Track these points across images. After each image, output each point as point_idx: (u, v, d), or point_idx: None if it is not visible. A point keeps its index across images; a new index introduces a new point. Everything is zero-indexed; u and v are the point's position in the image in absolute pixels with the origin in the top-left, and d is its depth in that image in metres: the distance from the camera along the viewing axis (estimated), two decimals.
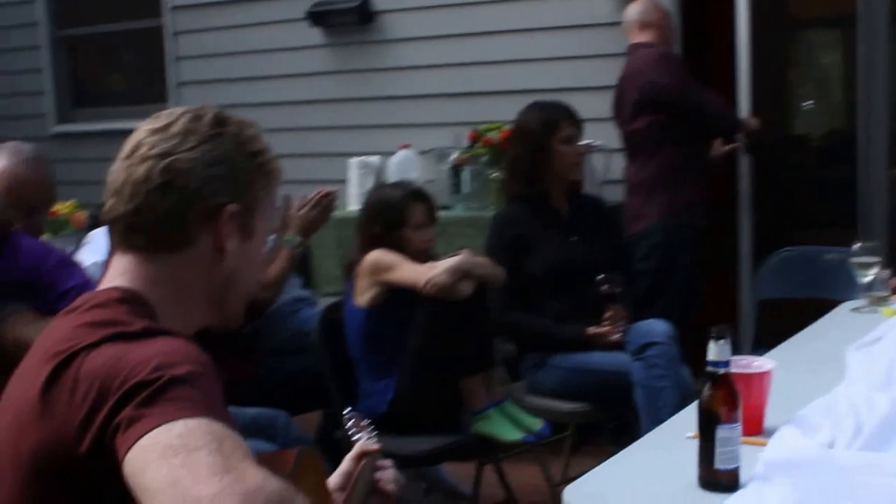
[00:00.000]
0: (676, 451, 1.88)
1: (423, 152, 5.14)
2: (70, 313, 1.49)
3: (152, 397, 1.24)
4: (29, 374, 1.42)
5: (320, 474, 1.75)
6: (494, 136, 4.78)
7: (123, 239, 1.55)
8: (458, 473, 3.94)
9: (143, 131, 1.55)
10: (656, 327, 3.52)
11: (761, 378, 2.05)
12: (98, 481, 1.25)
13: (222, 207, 1.52)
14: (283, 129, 5.82)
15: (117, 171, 1.55)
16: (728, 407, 1.75)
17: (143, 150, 1.52)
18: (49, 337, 1.46)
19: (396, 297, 3.36)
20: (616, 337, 3.59)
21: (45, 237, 3.49)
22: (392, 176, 5.06)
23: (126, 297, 1.49)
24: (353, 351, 3.48)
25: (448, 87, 5.44)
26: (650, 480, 1.90)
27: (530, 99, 3.97)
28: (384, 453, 2.50)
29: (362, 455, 1.97)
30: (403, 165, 5.13)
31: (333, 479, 1.94)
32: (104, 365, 1.32)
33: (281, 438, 3.21)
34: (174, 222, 1.51)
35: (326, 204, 3.80)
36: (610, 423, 4.30)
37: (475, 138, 4.91)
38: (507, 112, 4.02)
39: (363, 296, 3.42)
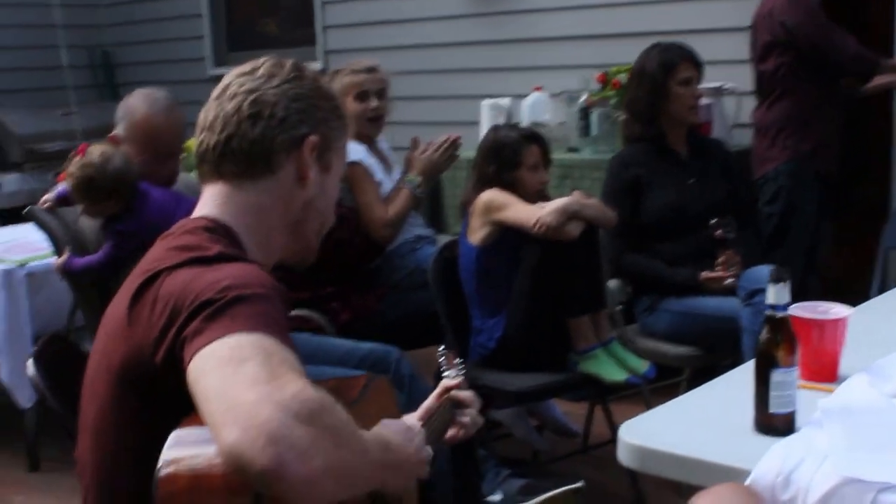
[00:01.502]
0: (744, 393, 1.85)
1: (554, 95, 5.16)
2: (167, 238, 1.66)
3: (216, 313, 1.36)
4: (124, 291, 1.57)
5: (389, 403, 1.85)
6: (623, 78, 4.76)
7: (214, 168, 1.71)
8: (570, 413, 4.02)
9: (232, 75, 1.74)
10: (767, 273, 3.49)
11: (835, 325, 2.03)
12: (172, 389, 1.36)
13: (305, 137, 1.69)
14: (419, 72, 5.94)
15: (208, 110, 1.73)
16: (785, 351, 1.74)
17: (232, 88, 1.70)
18: (146, 258, 1.62)
19: (508, 236, 3.43)
20: (728, 282, 3.59)
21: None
22: (524, 118, 5.11)
23: (210, 225, 1.64)
24: (467, 288, 3.57)
25: (578, 30, 5.43)
26: (708, 422, 1.91)
27: (660, 41, 3.97)
28: (488, 389, 2.58)
29: (446, 391, 2.07)
30: (536, 108, 5.16)
31: (417, 413, 2.02)
32: (180, 285, 1.46)
33: (393, 373, 3.32)
34: (261, 150, 1.68)
35: (450, 149, 3.91)
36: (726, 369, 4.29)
37: (604, 80, 4.90)
38: (637, 54, 4.01)
39: (476, 234, 3.50)
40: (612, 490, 3.61)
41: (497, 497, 3.08)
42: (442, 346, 2.15)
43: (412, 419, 1.99)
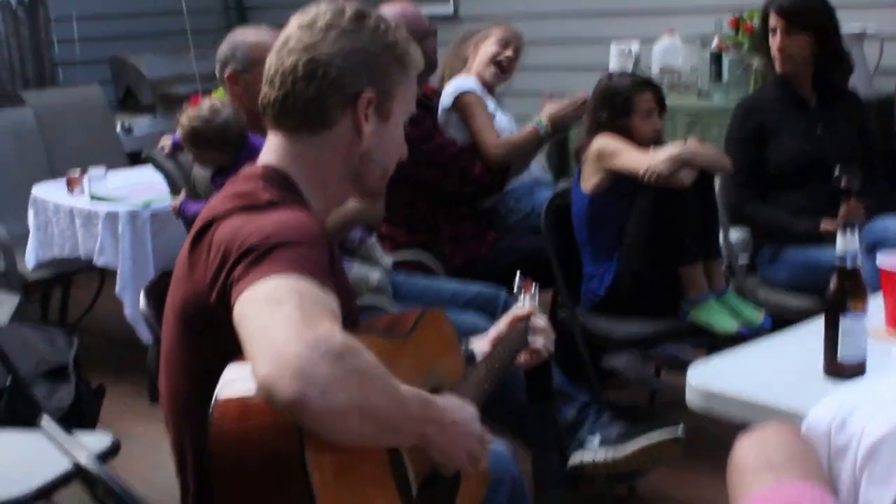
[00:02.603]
0: (819, 341, 1.85)
1: (686, 40, 5.01)
2: (229, 183, 1.74)
3: (258, 258, 1.45)
4: (188, 237, 1.67)
5: (445, 333, 1.90)
6: (757, 22, 4.59)
7: (274, 122, 1.77)
8: None
9: (293, 26, 1.77)
10: (891, 226, 3.36)
11: None
12: (226, 327, 1.43)
13: (359, 94, 1.72)
14: (548, 15, 5.82)
15: (270, 62, 1.77)
16: (854, 298, 1.74)
17: (291, 43, 1.74)
18: (207, 206, 1.70)
19: (620, 183, 3.38)
20: None
21: None
22: (654, 62, 5.00)
23: (266, 173, 1.72)
24: (578, 234, 3.54)
25: None
26: (778, 367, 1.92)
27: None
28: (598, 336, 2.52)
29: (518, 318, 2.09)
30: (667, 52, 5.03)
31: (488, 336, 2.09)
32: (230, 232, 1.55)
33: (501, 315, 3.32)
34: (316, 108, 1.72)
35: (579, 107, 3.86)
36: None
37: (737, 24, 4.74)
38: None
39: (588, 181, 3.46)
40: (728, 441, 3.53)
41: (595, 441, 3.05)
42: (518, 274, 2.16)
43: (483, 342, 2.06)
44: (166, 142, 3.67)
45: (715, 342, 3.55)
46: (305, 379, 1.26)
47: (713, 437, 3.50)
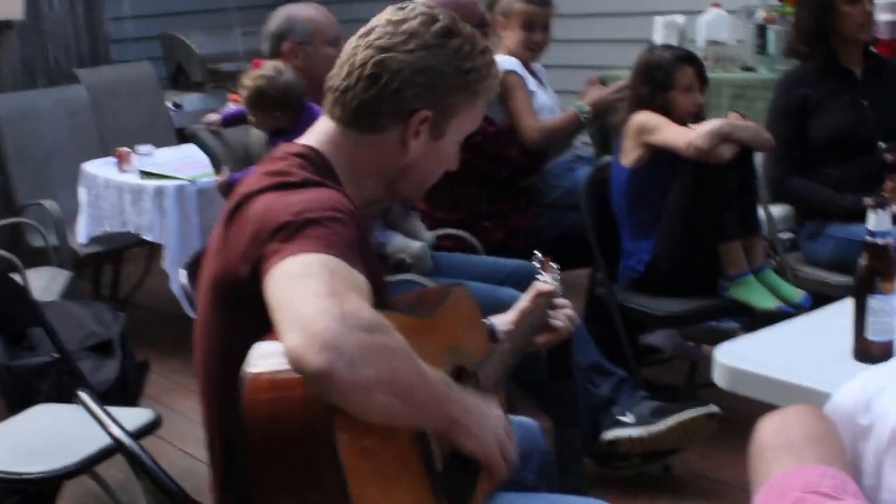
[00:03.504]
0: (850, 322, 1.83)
1: (731, 11, 4.96)
2: (266, 161, 1.75)
3: (291, 234, 1.48)
4: (223, 212, 1.70)
5: (469, 310, 1.90)
6: None
7: (329, 107, 1.77)
8: None
9: (383, 19, 1.75)
10: None
11: None
12: (257, 301, 1.46)
13: (415, 112, 1.71)
14: None
15: (349, 47, 1.77)
16: (883, 277, 1.71)
17: (372, 36, 1.73)
18: (243, 182, 1.72)
19: (660, 159, 3.37)
20: None
21: None
22: (700, 36, 4.95)
23: (304, 153, 1.72)
24: (617, 210, 3.53)
25: None
26: (807, 347, 1.90)
27: None
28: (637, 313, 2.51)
29: (539, 295, 2.09)
30: (713, 25, 4.98)
31: (509, 313, 2.09)
32: (263, 209, 1.57)
33: None
34: (369, 111, 1.72)
35: (622, 94, 3.85)
36: None
37: None
38: None
39: (628, 156, 3.45)
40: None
41: (629, 418, 3.06)
42: (536, 252, 2.17)
43: (507, 318, 2.06)
44: (214, 117, 3.71)
45: (754, 320, 3.55)
46: (334, 351, 1.29)
47: (750, 419, 3.50)
